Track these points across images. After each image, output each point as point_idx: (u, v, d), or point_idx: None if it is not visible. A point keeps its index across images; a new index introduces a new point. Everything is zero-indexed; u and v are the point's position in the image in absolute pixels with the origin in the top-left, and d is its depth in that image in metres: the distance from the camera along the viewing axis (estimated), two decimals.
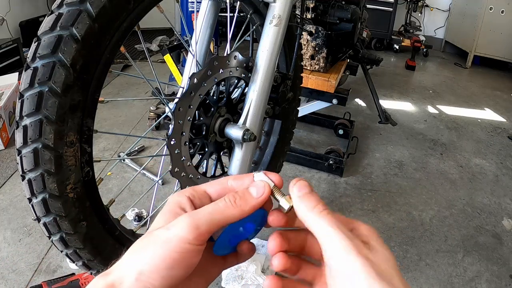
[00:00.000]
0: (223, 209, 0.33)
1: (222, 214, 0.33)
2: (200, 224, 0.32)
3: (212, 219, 0.32)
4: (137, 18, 0.71)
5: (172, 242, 0.31)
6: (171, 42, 4.13)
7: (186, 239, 0.31)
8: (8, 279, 1.25)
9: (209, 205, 0.33)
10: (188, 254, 0.31)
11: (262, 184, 0.35)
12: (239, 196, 0.34)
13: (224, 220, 0.33)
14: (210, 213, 0.33)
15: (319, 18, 1.99)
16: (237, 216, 0.33)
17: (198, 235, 0.31)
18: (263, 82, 0.86)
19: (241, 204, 0.34)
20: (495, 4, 4.05)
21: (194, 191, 0.36)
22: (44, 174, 0.63)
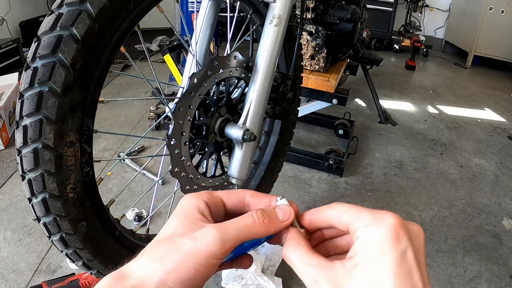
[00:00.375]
0: (251, 226, 0.33)
1: (249, 232, 0.33)
2: (228, 240, 0.32)
3: (240, 234, 0.33)
4: (137, 18, 0.71)
5: (200, 256, 0.31)
6: (171, 42, 4.13)
7: (214, 254, 0.31)
8: (8, 279, 1.25)
9: (237, 220, 0.34)
10: (212, 268, 0.31)
11: (288, 209, 0.35)
12: (267, 216, 0.34)
13: (250, 237, 0.33)
14: (239, 229, 0.33)
15: (319, 18, 1.99)
16: (261, 234, 0.34)
17: (225, 251, 0.32)
18: (263, 82, 0.86)
19: (268, 225, 0.34)
20: (495, 4, 4.05)
21: (211, 197, 0.36)
22: (44, 174, 0.63)
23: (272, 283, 1.22)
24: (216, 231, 0.32)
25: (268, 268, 1.33)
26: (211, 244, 0.31)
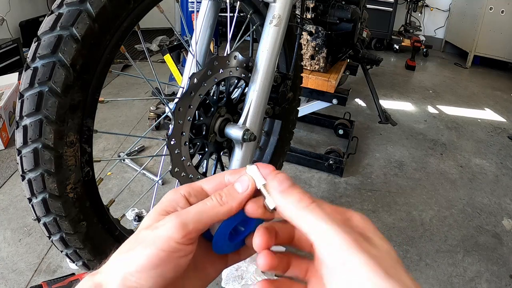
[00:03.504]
0: (210, 208, 0.33)
1: (210, 213, 0.32)
2: (187, 223, 0.31)
3: (200, 218, 0.32)
4: (137, 18, 0.71)
5: (159, 241, 0.31)
6: (171, 42, 4.13)
7: (173, 238, 0.30)
8: (8, 279, 1.25)
9: (197, 204, 0.33)
10: (176, 253, 0.31)
11: (246, 179, 0.34)
12: (225, 193, 0.34)
13: (213, 218, 0.33)
14: (197, 212, 0.32)
15: (319, 18, 1.99)
16: (225, 213, 0.33)
17: (186, 234, 0.31)
18: (263, 82, 0.86)
19: (228, 201, 0.33)
20: (495, 4, 4.05)
21: (191, 188, 0.35)
22: (44, 174, 0.63)
23: None
24: (175, 216, 0.32)
25: None
26: (169, 229, 0.31)
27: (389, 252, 0.29)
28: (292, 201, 0.31)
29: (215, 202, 0.33)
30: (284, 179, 0.33)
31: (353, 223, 0.31)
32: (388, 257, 0.28)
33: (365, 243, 0.28)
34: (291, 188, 0.32)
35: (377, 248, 0.28)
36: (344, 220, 0.31)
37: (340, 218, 0.30)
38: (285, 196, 0.32)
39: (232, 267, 1.26)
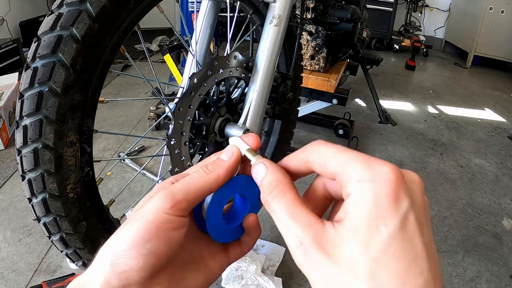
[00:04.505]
0: (197, 177, 0.32)
1: (197, 181, 0.31)
2: (175, 194, 0.30)
3: (188, 187, 0.31)
4: (137, 18, 0.71)
5: (147, 213, 0.29)
6: (171, 42, 4.13)
7: (162, 208, 0.29)
8: (8, 279, 1.25)
9: (184, 178, 0.32)
10: (166, 224, 0.29)
11: (230, 147, 0.34)
12: (210, 163, 0.33)
13: (202, 186, 0.31)
14: (184, 183, 0.31)
15: (319, 18, 1.99)
16: (212, 181, 0.32)
17: (175, 203, 0.29)
18: (263, 82, 0.86)
19: (214, 169, 0.32)
20: (495, 4, 4.05)
21: (178, 176, 0.34)
22: (44, 174, 0.63)
23: (272, 283, 1.22)
24: (163, 190, 0.30)
25: (268, 268, 1.33)
26: (157, 200, 0.29)
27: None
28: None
29: (201, 172, 0.32)
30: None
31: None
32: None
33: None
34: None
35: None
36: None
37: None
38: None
39: (232, 267, 1.26)
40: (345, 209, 0.26)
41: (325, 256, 0.25)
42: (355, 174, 0.26)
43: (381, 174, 0.25)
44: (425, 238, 0.25)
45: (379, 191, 0.25)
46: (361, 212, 0.25)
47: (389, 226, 0.24)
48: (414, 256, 0.24)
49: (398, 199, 0.25)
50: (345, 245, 0.25)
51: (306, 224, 0.26)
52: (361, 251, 0.24)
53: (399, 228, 0.24)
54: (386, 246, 0.24)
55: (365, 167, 0.26)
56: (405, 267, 0.24)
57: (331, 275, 0.25)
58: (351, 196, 0.26)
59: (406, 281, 0.23)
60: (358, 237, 0.24)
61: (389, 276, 0.23)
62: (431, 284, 0.24)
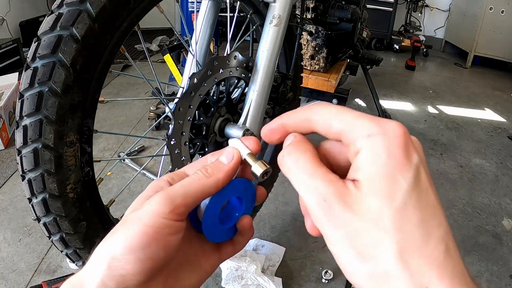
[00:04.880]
0: (197, 180, 0.31)
1: (197, 185, 0.31)
2: (174, 197, 0.29)
3: (187, 190, 0.30)
4: (137, 18, 0.71)
5: (145, 218, 0.28)
6: (171, 42, 4.13)
7: (161, 213, 0.28)
8: (8, 279, 1.25)
9: (183, 180, 0.31)
10: (165, 230, 0.28)
11: (230, 150, 0.33)
12: (210, 166, 0.32)
13: (201, 190, 0.31)
14: (183, 186, 0.30)
15: (319, 18, 1.99)
16: (212, 185, 0.31)
17: (174, 208, 0.29)
18: (263, 82, 0.86)
19: (214, 173, 0.32)
20: (495, 4, 4.05)
21: (174, 174, 0.34)
22: (44, 174, 0.63)
23: (272, 283, 1.22)
24: (160, 192, 0.30)
25: (268, 268, 1.33)
26: (155, 203, 0.29)
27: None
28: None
29: (200, 174, 0.31)
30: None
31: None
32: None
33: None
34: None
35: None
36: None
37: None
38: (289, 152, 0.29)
39: (232, 267, 1.26)
40: (357, 166, 0.25)
41: (350, 211, 0.24)
42: (363, 129, 0.25)
43: (390, 128, 0.25)
44: (435, 191, 0.25)
45: (390, 144, 0.24)
46: (377, 165, 0.24)
47: (407, 177, 0.24)
48: (432, 207, 0.24)
49: (409, 151, 0.24)
50: (368, 199, 0.24)
51: (328, 180, 0.26)
52: (384, 204, 0.23)
53: (415, 179, 0.24)
54: (408, 197, 0.23)
55: (373, 122, 0.25)
56: (426, 217, 0.24)
57: (357, 230, 0.24)
58: (362, 151, 0.25)
59: (430, 231, 0.23)
60: (380, 190, 0.24)
61: (414, 227, 0.23)
62: (449, 234, 0.24)
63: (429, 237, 0.23)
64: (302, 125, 0.29)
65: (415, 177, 0.24)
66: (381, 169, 0.24)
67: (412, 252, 0.23)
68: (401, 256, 0.23)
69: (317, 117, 0.28)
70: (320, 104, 0.28)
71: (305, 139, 0.29)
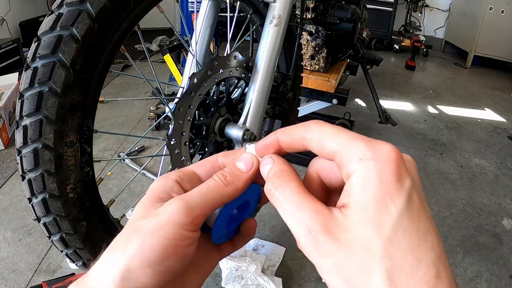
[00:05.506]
0: (215, 188, 0.30)
1: (215, 194, 0.29)
2: (194, 207, 0.28)
3: (206, 200, 0.29)
4: (137, 18, 0.71)
5: (165, 229, 0.27)
6: (171, 42, 4.13)
7: (181, 224, 0.27)
8: (8, 279, 1.25)
9: (200, 186, 0.30)
10: (183, 241, 0.27)
11: (249, 157, 0.32)
12: (229, 173, 0.31)
13: (219, 200, 0.30)
14: (202, 194, 0.29)
15: (319, 18, 1.99)
16: (231, 194, 0.30)
17: (193, 219, 0.28)
18: (263, 82, 0.86)
19: (233, 181, 0.30)
20: (495, 4, 4.05)
21: (182, 173, 0.32)
22: (44, 174, 0.63)
23: (272, 283, 1.22)
24: (179, 200, 0.28)
25: (268, 268, 1.33)
26: (175, 214, 0.27)
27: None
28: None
29: (219, 182, 0.30)
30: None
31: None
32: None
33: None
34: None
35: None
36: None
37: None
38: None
39: (232, 267, 1.26)
40: (348, 191, 0.25)
41: (336, 241, 0.24)
42: (356, 152, 0.25)
43: (383, 153, 0.25)
44: (428, 214, 0.25)
45: (382, 169, 0.24)
46: (367, 193, 0.24)
47: (397, 203, 0.24)
48: (423, 231, 0.24)
49: (401, 177, 0.24)
50: (356, 228, 0.24)
51: (313, 211, 0.25)
52: (373, 232, 0.23)
53: (406, 205, 0.24)
54: (398, 224, 0.23)
55: (366, 146, 0.25)
56: (417, 243, 0.23)
57: (344, 260, 0.24)
58: (354, 175, 0.25)
59: (421, 257, 0.23)
60: (368, 218, 0.24)
61: (404, 254, 0.23)
62: (442, 258, 0.24)
63: (420, 262, 0.23)
64: (296, 142, 0.29)
65: (406, 202, 0.24)
66: (371, 197, 0.24)
67: (402, 279, 0.23)
68: (391, 283, 0.23)
69: (311, 136, 0.28)
70: (316, 123, 0.28)
71: (288, 166, 0.29)
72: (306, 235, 0.25)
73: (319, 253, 0.25)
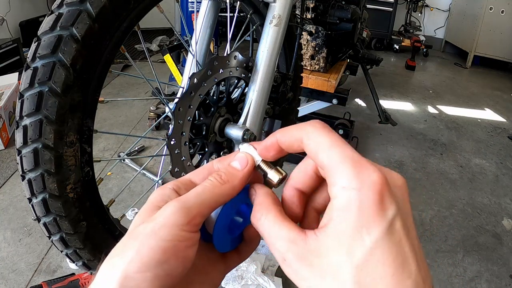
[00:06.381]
0: (211, 187, 0.30)
1: (212, 193, 0.29)
2: (191, 207, 0.28)
3: (203, 200, 0.29)
4: (137, 18, 0.71)
5: (162, 231, 0.26)
6: (171, 42, 4.13)
7: (179, 225, 0.27)
8: (8, 279, 1.25)
9: (196, 187, 0.30)
10: (182, 243, 0.27)
11: (244, 156, 0.32)
12: (224, 172, 0.31)
13: (216, 199, 0.29)
14: (198, 194, 0.29)
15: (319, 18, 1.99)
16: (228, 192, 0.30)
17: (191, 219, 0.27)
18: (263, 82, 0.86)
19: (229, 180, 0.30)
20: (495, 4, 4.05)
21: (179, 182, 0.32)
22: (44, 174, 0.63)
23: (272, 283, 1.22)
24: (175, 202, 0.28)
25: (268, 268, 1.33)
26: (172, 215, 0.27)
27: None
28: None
29: (215, 182, 0.30)
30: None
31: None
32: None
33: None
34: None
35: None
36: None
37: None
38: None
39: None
40: (329, 215, 0.26)
41: (308, 268, 0.25)
42: (341, 179, 0.25)
43: (368, 182, 0.25)
44: (412, 241, 0.25)
45: (363, 200, 0.24)
46: (345, 221, 0.25)
47: (373, 234, 0.24)
48: (401, 260, 0.24)
49: (383, 207, 0.25)
50: (329, 254, 0.25)
51: (287, 240, 0.27)
52: (343, 259, 0.24)
53: (384, 235, 0.24)
54: (369, 254, 0.24)
55: (352, 173, 0.25)
56: (392, 272, 0.24)
57: (318, 284, 0.25)
58: (336, 201, 0.26)
59: (393, 285, 0.24)
60: (340, 246, 0.24)
61: (374, 282, 0.24)
62: (420, 285, 0.24)
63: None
64: (294, 144, 0.30)
65: (384, 232, 0.24)
66: (347, 225, 0.24)
67: None
68: None
69: (307, 141, 0.29)
70: (314, 127, 0.29)
71: (267, 195, 0.30)
72: (283, 262, 0.27)
73: (296, 277, 0.26)
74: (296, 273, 0.26)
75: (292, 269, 0.26)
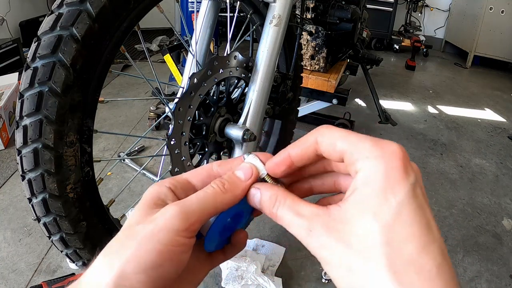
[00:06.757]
0: (213, 195, 0.30)
1: (213, 201, 0.29)
2: (190, 213, 0.28)
3: (203, 207, 0.29)
4: (137, 18, 0.71)
5: (160, 235, 0.26)
6: (171, 42, 4.13)
7: (177, 230, 0.27)
8: (8, 279, 1.25)
9: (198, 192, 0.30)
10: (179, 248, 0.27)
11: (248, 166, 0.32)
12: (227, 181, 0.31)
13: (216, 207, 0.30)
14: (200, 201, 0.29)
15: (319, 18, 1.99)
16: (229, 202, 0.30)
17: (190, 225, 0.27)
18: (263, 82, 0.86)
19: (232, 189, 0.30)
20: (495, 4, 4.05)
21: (175, 181, 0.32)
22: (44, 174, 0.63)
23: (272, 283, 1.22)
24: (175, 206, 0.28)
25: (268, 268, 1.33)
26: (171, 220, 0.27)
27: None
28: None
29: (217, 189, 0.30)
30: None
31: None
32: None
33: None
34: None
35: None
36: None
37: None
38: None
39: (232, 267, 1.26)
40: (354, 187, 0.26)
41: (335, 233, 0.26)
42: (364, 150, 0.26)
43: (390, 151, 0.26)
44: (431, 210, 0.26)
45: (388, 166, 0.25)
46: (369, 185, 0.25)
47: (398, 195, 0.25)
48: (426, 223, 0.25)
49: (407, 172, 0.25)
50: (355, 219, 0.25)
51: (311, 214, 0.27)
52: (372, 220, 0.24)
53: (409, 197, 0.25)
54: (397, 214, 0.24)
55: (374, 145, 0.26)
56: (419, 233, 0.24)
57: (345, 250, 0.25)
58: (360, 172, 0.26)
59: (423, 245, 0.24)
60: (367, 209, 0.25)
61: (404, 241, 0.24)
62: (444, 251, 0.25)
63: (421, 252, 0.24)
64: (308, 149, 0.30)
65: (409, 194, 0.25)
66: (372, 190, 0.25)
67: (403, 265, 0.23)
68: (390, 268, 0.23)
69: (322, 138, 0.29)
70: (327, 127, 0.30)
71: (276, 188, 0.31)
72: (309, 235, 0.27)
73: (323, 248, 0.26)
74: (324, 245, 0.26)
75: (318, 239, 0.26)
